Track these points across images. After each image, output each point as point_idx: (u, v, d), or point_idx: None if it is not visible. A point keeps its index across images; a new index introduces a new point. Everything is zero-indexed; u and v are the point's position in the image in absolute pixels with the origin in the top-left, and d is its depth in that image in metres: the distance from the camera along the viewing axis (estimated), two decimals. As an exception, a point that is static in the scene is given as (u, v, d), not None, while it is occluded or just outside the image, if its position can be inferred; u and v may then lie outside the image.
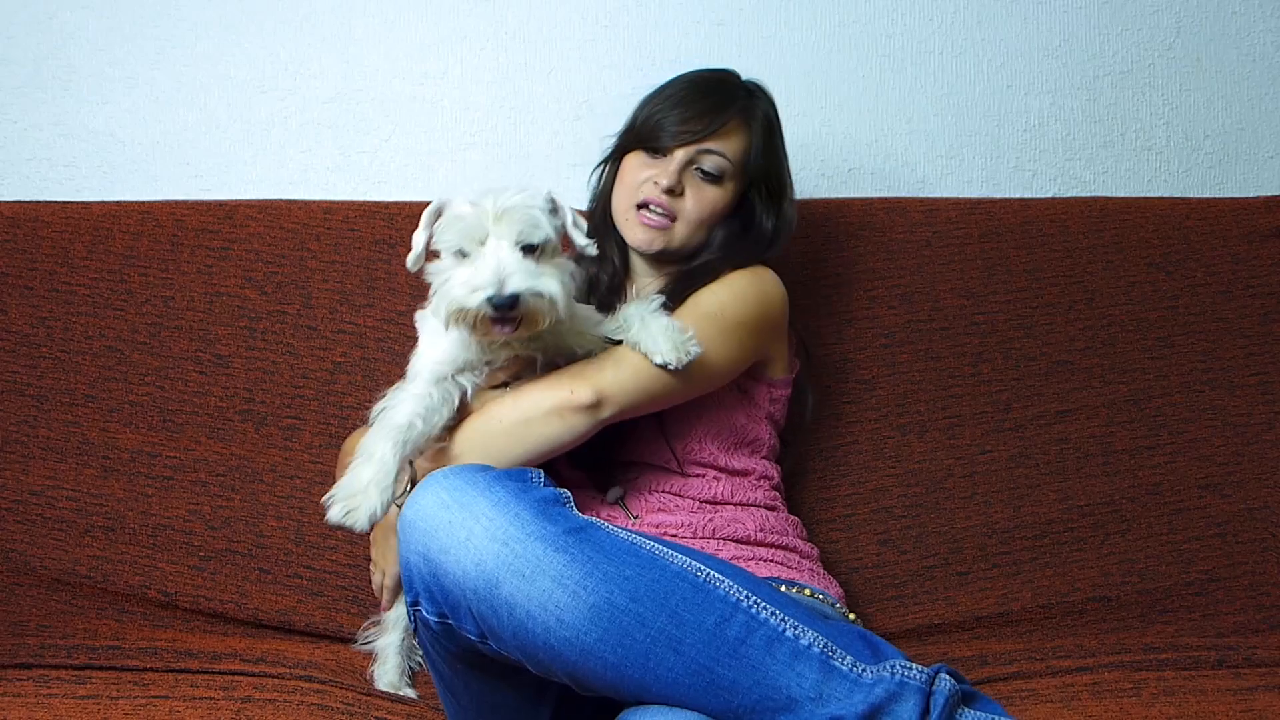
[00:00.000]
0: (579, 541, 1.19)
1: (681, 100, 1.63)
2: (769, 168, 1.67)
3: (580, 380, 1.44)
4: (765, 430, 1.64)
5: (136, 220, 1.91)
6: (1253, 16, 2.14)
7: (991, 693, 1.45)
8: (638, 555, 1.19)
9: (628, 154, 1.67)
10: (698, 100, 1.63)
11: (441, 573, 1.20)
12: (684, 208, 1.61)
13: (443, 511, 1.21)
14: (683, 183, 1.61)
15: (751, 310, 1.58)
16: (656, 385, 1.47)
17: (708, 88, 1.66)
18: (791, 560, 1.55)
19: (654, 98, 1.68)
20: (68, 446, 1.81)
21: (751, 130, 1.65)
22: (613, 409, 1.45)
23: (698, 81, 1.67)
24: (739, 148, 1.63)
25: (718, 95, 1.64)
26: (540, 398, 1.44)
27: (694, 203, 1.62)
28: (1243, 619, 1.75)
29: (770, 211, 1.68)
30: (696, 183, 1.62)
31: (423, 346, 1.49)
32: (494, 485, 1.23)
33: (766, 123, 1.67)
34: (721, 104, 1.63)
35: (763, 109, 1.68)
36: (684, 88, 1.66)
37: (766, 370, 1.65)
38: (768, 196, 1.67)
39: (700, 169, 1.62)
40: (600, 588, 1.16)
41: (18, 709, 1.34)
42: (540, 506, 1.21)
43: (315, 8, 2.08)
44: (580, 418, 1.43)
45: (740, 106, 1.64)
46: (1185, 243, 1.94)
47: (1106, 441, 1.85)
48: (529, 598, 1.16)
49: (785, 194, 1.70)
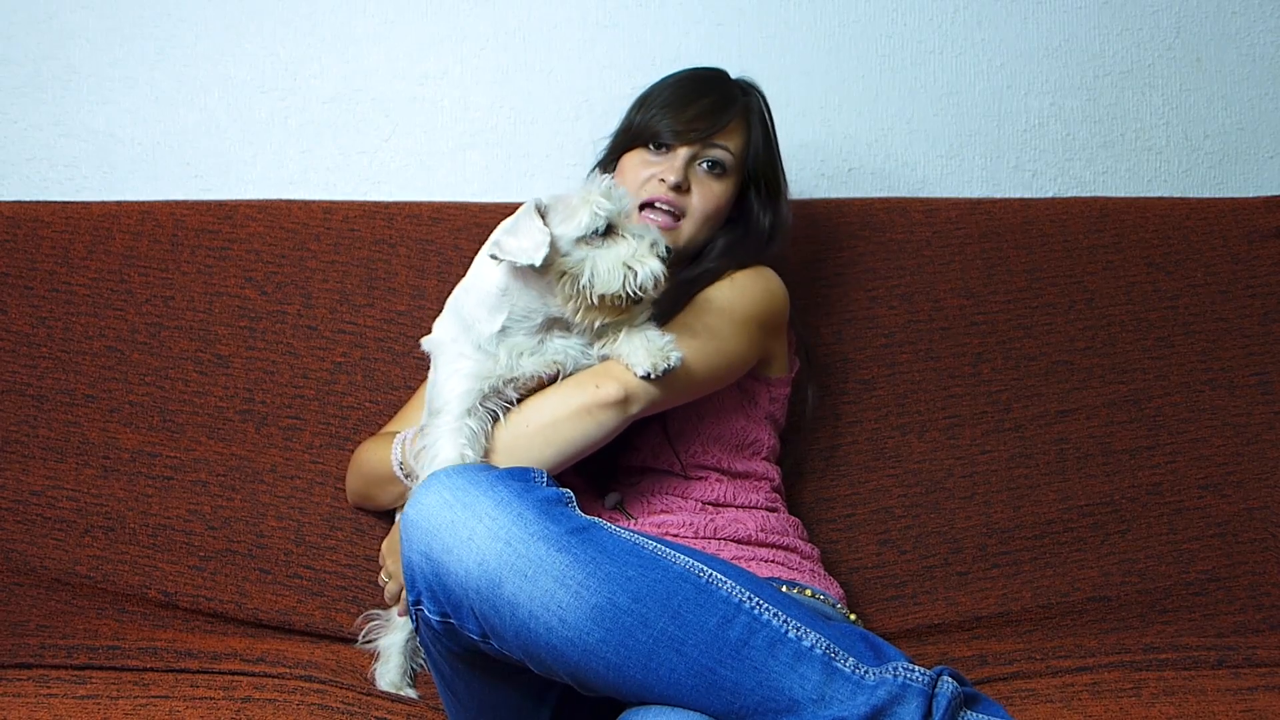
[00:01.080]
0: (582, 541, 1.19)
1: (682, 98, 1.64)
2: (767, 164, 1.68)
3: (605, 377, 1.43)
4: (765, 431, 1.64)
5: (136, 220, 1.91)
6: (1253, 16, 2.14)
7: (991, 693, 1.45)
8: (640, 556, 1.19)
9: (626, 154, 1.67)
10: (699, 98, 1.63)
11: (444, 572, 1.20)
12: (691, 204, 1.62)
13: (445, 511, 1.21)
14: (689, 179, 1.61)
15: (760, 306, 1.59)
16: (680, 378, 1.46)
17: (706, 86, 1.66)
18: (792, 561, 1.55)
19: (649, 98, 1.68)
20: (68, 446, 1.81)
21: (751, 127, 1.67)
22: (641, 404, 1.44)
23: (695, 80, 1.68)
24: (740, 144, 1.65)
25: (718, 93, 1.65)
26: (566, 398, 1.43)
27: (700, 198, 1.62)
28: (1243, 619, 1.75)
29: (767, 209, 1.69)
30: (702, 178, 1.62)
31: (440, 376, 1.47)
32: (496, 485, 1.22)
33: (763, 120, 1.69)
34: (722, 102, 1.64)
35: (758, 106, 1.69)
36: (682, 86, 1.66)
37: (766, 369, 1.65)
38: (765, 194, 1.69)
39: (706, 162, 1.62)
40: (603, 588, 1.16)
41: (18, 709, 1.33)
42: (543, 506, 1.21)
43: (315, 8, 2.08)
44: (609, 414, 1.43)
45: (740, 104, 1.66)
46: (1185, 243, 1.94)
47: (1106, 441, 1.85)
48: (531, 597, 1.16)
49: (781, 192, 1.71)
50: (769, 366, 1.66)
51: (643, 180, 1.62)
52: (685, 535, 1.53)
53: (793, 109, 2.10)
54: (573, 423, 1.43)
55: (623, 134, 1.70)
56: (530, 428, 1.43)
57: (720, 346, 1.52)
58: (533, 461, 1.41)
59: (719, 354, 1.52)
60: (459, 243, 1.89)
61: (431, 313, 1.83)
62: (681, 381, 1.47)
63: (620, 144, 1.69)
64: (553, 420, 1.43)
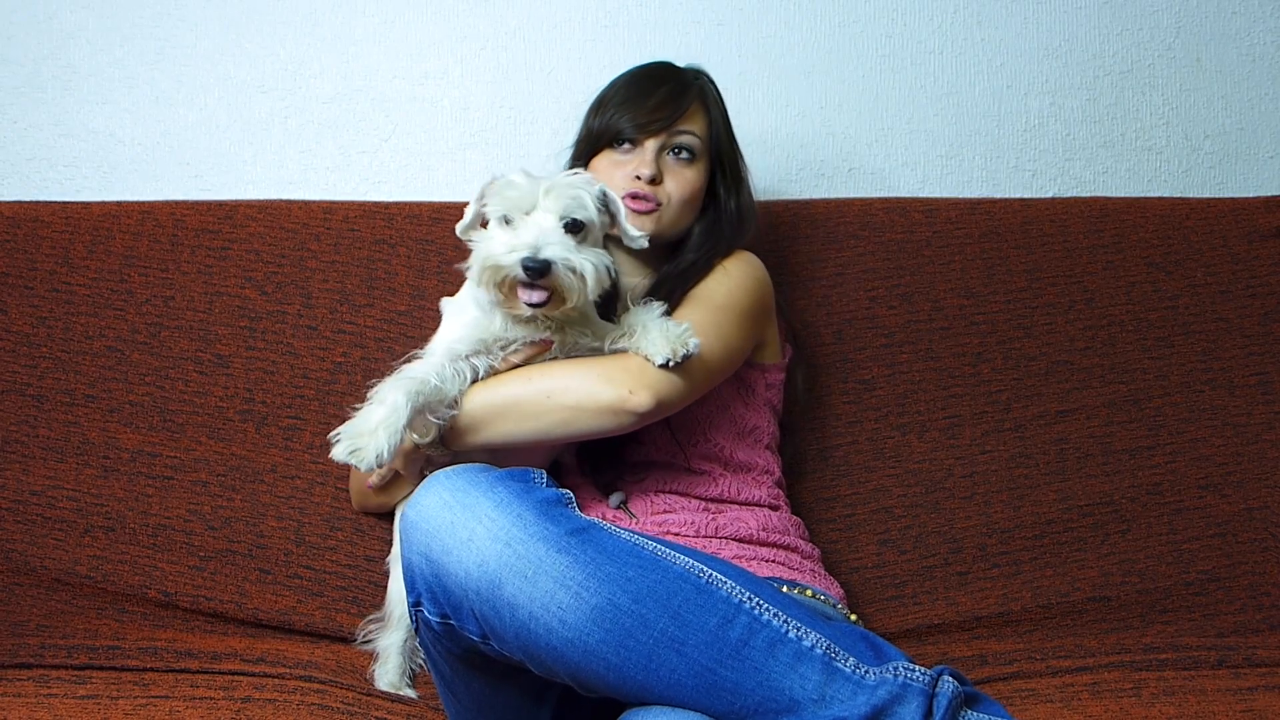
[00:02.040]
0: (581, 542, 1.19)
1: (638, 93, 1.65)
2: (728, 146, 1.71)
3: (639, 382, 1.43)
4: (765, 418, 1.65)
5: (136, 220, 1.91)
6: (1253, 16, 2.14)
7: (991, 692, 1.46)
8: (640, 556, 1.19)
9: (593, 159, 1.67)
10: (654, 89, 1.65)
11: (444, 573, 1.20)
12: (667, 192, 1.63)
13: (445, 512, 1.21)
14: (661, 170, 1.63)
15: (753, 294, 1.62)
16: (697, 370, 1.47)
17: (659, 78, 1.68)
18: (793, 560, 1.55)
19: (605, 100, 1.69)
20: (68, 446, 1.81)
21: (709, 109, 1.69)
22: (664, 413, 1.46)
23: (646, 75, 1.69)
24: (703, 126, 1.67)
25: (672, 81, 1.67)
26: (594, 390, 1.43)
27: (676, 185, 1.63)
28: (1243, 619, 1.75)
29: (732, 192, 1.71)
30: (673, 167, 1.64)
31: (442, 329, 1.52)
32: (496, 486, 1.22)
33: (718, 103, 1.72)
34: (678, 89, 1.66)
35: (712, 90, 1.72)
36: (636, 82, 1.68)
37: (760, 356, 1.67)
38: (730, 179, 1.70)
39: (674, 148, 1.64)
40: (603, 589, 1.16)
41: (18, 709, 1.33)
42: (543, 507, 1.21)
43: (315, 8, 2.08)
44: (630, 419, 1.43)
45: (696, 88, 1.68)
46: (1185, 243, 1.94)
47: (1106, 441, 1.85)
48: (531, 599, 1.16)
49: (742, 173, 1.73)
50: (762, 353, 1.67)
51: (617, 180, 1.62)
52: (687, 534, 1.53)
53: (793, 109, 2.10)
54: (593, 416, 1.43)
55: (584, 141, 1.70)
56: (549, 402, 1.44)
57: (725, 338, 1.53)
58: (534, 427, 1.44)
59: (725, 346, 1.53)
60: (459, 243, 1.88)
61: (431, 313, 1.84)
62: (699, 374, 1.48)
63: (584, 151, 1.69)
64: (575, 405, 1.43)
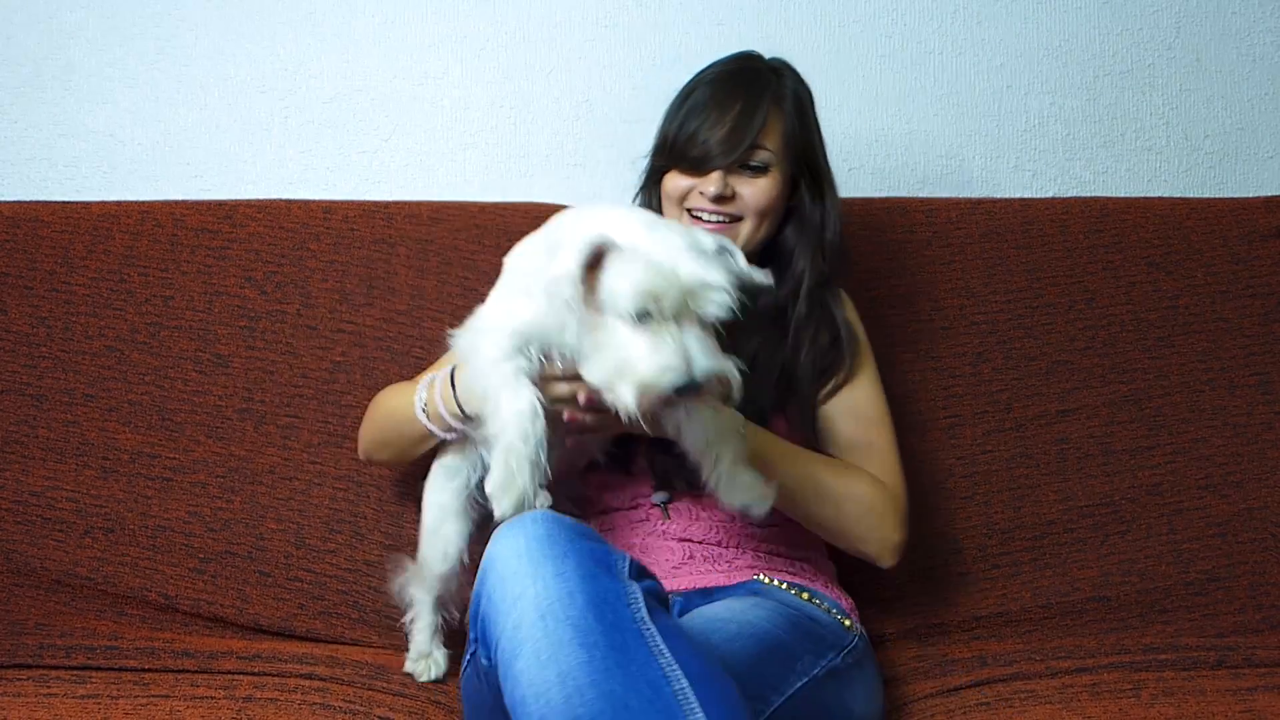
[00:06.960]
0: (611, 646, 1.09)
1: (710, 107, 1.56)
2: (805, 146, 1.61)
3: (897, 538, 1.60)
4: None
5: (136, 220, 1.91)
6: (1253, 16, 2.14)
7: (991, 693, 1.46)
8: (659, 694, 1.07)
9: (665, 175, 1.61)
10: (727, 105, 1.56)
11: (490, 622, 1.17)
12: (741, 205, 1.57)
13: (514, 561, 1.16)
14: (730, 185, 1.56)
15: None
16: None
17: (734, 85, 1.58)
18: (808, 571, 1.57)
19: (679, 108, 1.60)
20: (68, 446, 1.81)
21: (785, 112, 1.59)
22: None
23: (723, 80, 1.59)
24: (777, 138, 1.58)
25: (747, 94, 1.56)
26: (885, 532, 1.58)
27: (750, 195, 1.56)
28: (1243, 619, 1.75)
29: (817, 198, 1.62)
30: (744, 178, 1.57)
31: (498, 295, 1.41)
32: (569, 556, 1.16)
33: (797, 100, 1.61)
34: (752, 105, 1.55)
35: (791, 87, 1.61)
36: (710, 92, 1.58)
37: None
38: (811, 181, 1.62)
39: (746, 166, 1.56)
40: (595, 704, 1.05)
41: (18, 709, 1.33)
42: (602, 596, 1.13)
43: (315, 8, 2.08)
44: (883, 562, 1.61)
45: (771, 94, 1.58)
46: (1185, 243, 1.94)
47: (1106, 441, 1.85)
48: (531, 682, 1.09)
49: (825, 176, 1.64)
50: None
51: (683, 190, 1.58)
52: (710, 541, 1.54)
53: (793, 109, 2.10)
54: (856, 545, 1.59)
55: (658, 153, 1.63)
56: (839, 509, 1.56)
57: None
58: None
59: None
60: (458, 243, 1.89)
61: (431, 313, 1.84)
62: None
63: (658, 165, 1.63)
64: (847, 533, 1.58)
